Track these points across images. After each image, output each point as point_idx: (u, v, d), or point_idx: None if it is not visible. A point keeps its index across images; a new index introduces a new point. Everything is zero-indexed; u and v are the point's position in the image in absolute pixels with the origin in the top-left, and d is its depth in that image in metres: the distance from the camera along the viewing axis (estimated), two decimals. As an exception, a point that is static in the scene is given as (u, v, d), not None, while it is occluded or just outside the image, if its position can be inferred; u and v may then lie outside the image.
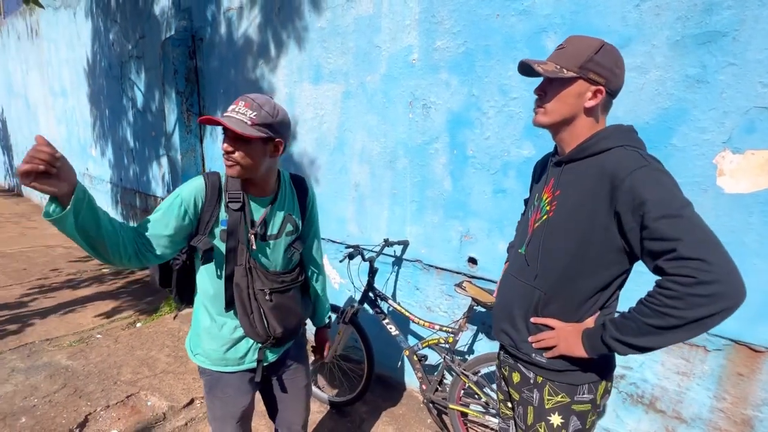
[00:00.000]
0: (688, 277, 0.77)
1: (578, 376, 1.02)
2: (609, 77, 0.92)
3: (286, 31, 2.81)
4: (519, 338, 1.09)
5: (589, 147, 0.96)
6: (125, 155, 5.17)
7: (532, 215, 1.11)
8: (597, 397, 1.04)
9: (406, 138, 2.29)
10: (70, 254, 5.38)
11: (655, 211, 0.81)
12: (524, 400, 1.10)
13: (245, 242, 1.15)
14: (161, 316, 3.49)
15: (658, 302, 0.82)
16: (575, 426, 1.04)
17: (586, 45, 0.93)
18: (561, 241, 0.99)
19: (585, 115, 0.96)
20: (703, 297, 0.76)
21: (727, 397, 1.55)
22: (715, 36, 1.41)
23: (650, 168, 0.85)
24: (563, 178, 1.01)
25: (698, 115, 1.47)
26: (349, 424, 2.21)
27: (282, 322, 1.21)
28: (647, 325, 0.83)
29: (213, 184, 1.13)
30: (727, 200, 1.46)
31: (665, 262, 0.80)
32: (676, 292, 0.79)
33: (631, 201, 0.84)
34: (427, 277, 2.37)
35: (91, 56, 5.57)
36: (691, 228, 0.79)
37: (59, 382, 2.49)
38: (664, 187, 0.83)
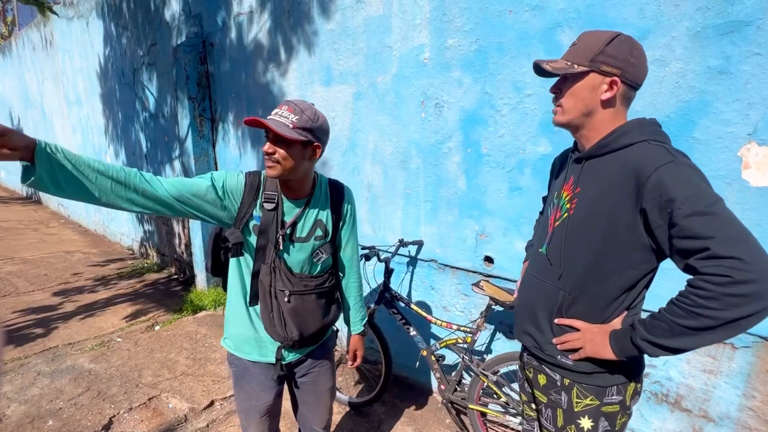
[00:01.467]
0: (723, 276, 0.74)
1: (606, 378, 0.99)
2: (624, 67, 0.89)
3: (296, 34, 2.83)
4: (543, 340, 1.07)
5: (610, 143, 0.93)
6: (138, 160, 5.26)
7: (551, 213, 1.09)
8: (626, 398, 1.01)
9: (418, 137, 2.29)
10: (88, 259, 5.49)
11: (685, 208, 0.78)
12: (552, 403, 1.08)
13: (273, 241, 1.19)
14: (178, 319, 3.54)
15: (692, 302, 0.79)
16: (604, 427, 1.02)
17: (596, 38, 0.92)
18: (583, 240, 0.97)
19: (603, 108, 0.93)
20: (740, 297, 0.73)
21: (757, 395, 1.51)
22: (738, 26, 1.37)
23: (677, 163, 0.82)
24: (584, 175, 0.99)
25: (721, 107, 1.44)
26: (367, 425, 2.22)
27: (300, 326, 1.22)
28: (680, 326, 0.81)
29: (252, 182, 1.17)
30: (753, 194, 1.42)
31: (697, 261, 0.78)
32: (711, 292, 0.76)
33: (658, 198, 0.82)
34: (443, 276, 2.36)
35: (103, 64, 5.67)
36: (724, 225, 0.76)
37: (83, 385, 2.55)
38: (692, 183, 0.80)
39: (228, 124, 3.65)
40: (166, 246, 5.03)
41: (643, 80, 0.95)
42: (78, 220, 7.87)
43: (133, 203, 0.97)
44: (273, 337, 1.23)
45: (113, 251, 6.00)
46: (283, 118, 1.08)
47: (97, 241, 6.63)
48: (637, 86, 0.94)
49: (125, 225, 6.13)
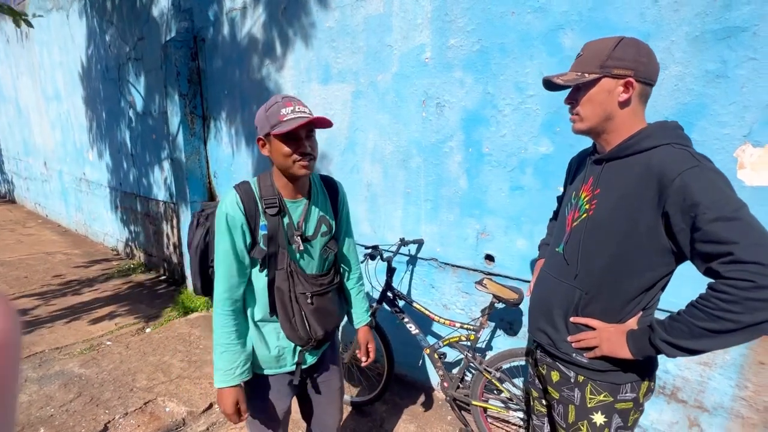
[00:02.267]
0: (746, 281, 0.75)
1: (621, 376, 1.01)
2: (635, 67, 0.91)
3: (293, 31, 2.79)
4: (558, 337, 1.09)
5: (632, 145, 0.94)
6: (124, 159, 5.11)
7: (569, 213, 1.10)
8: (639, 395, 1.03)
9: (419, 137, 2.29)
10: (70, 260, 5.31)
11: (710, 213, 0.79)
12: (565, 399, 1.09)
13: (285, 246, 1.16)
14: (170, 321, 3.46)
15: (713, 306, 0.80)
16: (617, 424, 1.04)
17: (602, 45, 0.94)
18: (602, 241, 0.98)
19: (621, 109, 0.94)
20: (763, 302, 0.75)
21: (749, 386, 1.58)
22: (734, 31, 1.42)
23: (702, 168, 0.83)
24: (604, 176, 1.00)
25: (718, 110, 1.49)
26: (370, 424, 2.22)
27: (323, 325, 1.22)
28: (700, 328, 0.82)
29: (246, 193, 1.13)
30: (748, 193, 1.48)
31: (721, 266, 0.79)
32: (734, 296, 0.77)
33: (681, 202, 0.83)
34: (443, 275, 2.38)
35: (86, 59, 5.48)
36: (748, 230, 0.77)
37: (74, 390, 2.47)
38: (717, 188, 0.81)
39: (220, 122, 3.59)
40: (154, 246, 4.91)
41: (657, 76, 0.96)
42: (57, 219, 7.61)
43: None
44: (295, 342, 1.21)
45: (97, 252, 5.82)
46: (304, 113, 1.07)
47: (79, 241, 6.42)
48: (652, 83, 0.95)
49: (109, 225, 5.95)
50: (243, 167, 3.47)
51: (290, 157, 1.08)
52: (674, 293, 1.48)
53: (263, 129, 1.10)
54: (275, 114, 1.06)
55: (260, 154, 3.27)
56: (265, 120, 1.08)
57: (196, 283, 1.31)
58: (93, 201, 6.25)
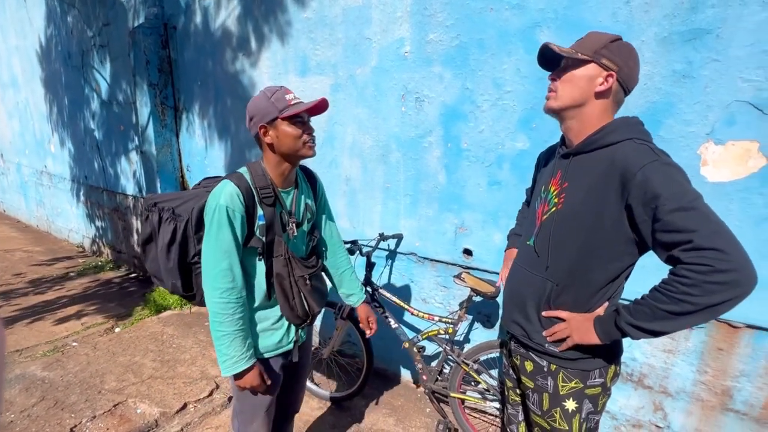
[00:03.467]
0: (705, 265, 0.80)
1: (590, 362, 1.06)
2: (621, 66, 0.95)
3: (269, 21, 2.72)
4: (531, 328, 1.12)
5: (597, 140, 0.98)
6: (90, 150, 4.86)
7: (539, 207, 1.13)
8: (607, 380, 1.09)
9: (398, 131, 2.29)
10: (32, 258, 5.03)
11: (669, 204, 0.83)
12: (539, 388, 1.13)
13: (281, 234, 1.22)
14: (141, 320, 3.34)
15: (675, 289, 0.85)
16: (588, 409, 1.09)
17: (603, 36, 0.98)
18: (571, 234, 1.02)
19: (595, 99, 0.97)
20: (720, 284, 0.80)
21: (709, 371, 1.68)
22: (699, 33, 1.49)
23: (661, 162, 0.88)
24: (571, 170, 1.03)
25: (684, 109, 1.56)
26: (349, 419, 2.22)
27: (319, 303, 1.33)
28: (662, 310, 0.87)
29: (244, 186, 1.15)
30: (710, 189, 1.55)
31: (681, 253, 0.84)
32: (693, 280, 0.81)
33: (642, 195, 0.87)
34: (422, 269, 2.39)
35: (45, 44, 5.16)
36: (705, 219, 0.82)
37: (36, 395, 2.35)
38: (675, 181, 0.86)
39: (193, 114, 3.46)
40: (123, 243, 4.71)
41: (634, 86, 1.01)
42: (16, 215, 7.18)
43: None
44: (293, 321, 1.29)
45: (60, 249, 5.53)
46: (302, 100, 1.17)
47: (41, 238, 6.09)
48: (627, 90, 1.00)
49: (74, 221, 5.67)
50: (217, 160, 3.36)
51: (300, 138, 1.14)
52: (637, 283, 1.53)
53: (268, 115, 1.13)
54: (281, 100, 1.13)
55: (235, 147, 3.18)
56: (270, 106, 1.13)
57: (174, 282, 1.27)
58: (56, 195, 5.93)
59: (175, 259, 1.24)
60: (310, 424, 2.17)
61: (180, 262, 1.25)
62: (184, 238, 1.24)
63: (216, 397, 2.36)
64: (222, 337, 1.13)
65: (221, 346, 1.14)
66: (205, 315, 3.43)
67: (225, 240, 1.11)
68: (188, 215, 1.24)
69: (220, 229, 1.11)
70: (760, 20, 1.38)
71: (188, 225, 1.23)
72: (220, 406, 2.29)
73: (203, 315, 3.43)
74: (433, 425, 2.16)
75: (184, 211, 1.26)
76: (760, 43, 1.39)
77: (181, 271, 1.26)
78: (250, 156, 3.11)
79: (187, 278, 1.29)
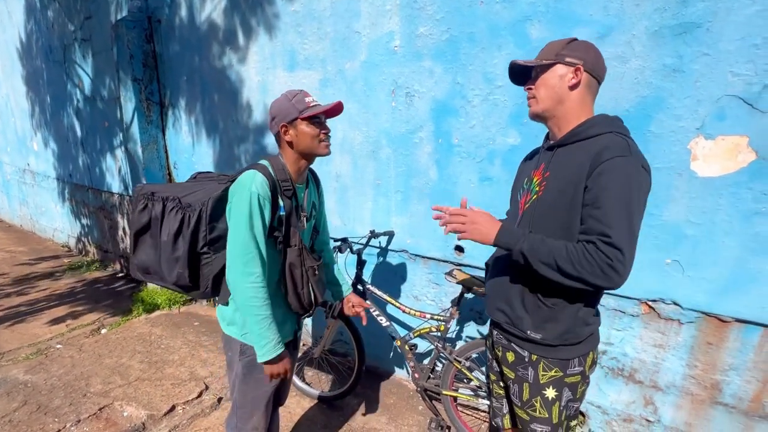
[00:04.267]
0: (609, 259, 0.92)
1: (569, 351, 1.10)
2: (584, 58, 1.03)
3: (256, 14, 2.66)
4: (515, 315, 1.14)
5: (580, 132, 1.04)
6: (73, 148, 4.74)
7: (521, 197, 1.17)
8: (586, 368, 1.13)
9: (389, 127, 2.26)
10: (15, 258, 4.91)
11: (612, 196, 0.94)
12: (520, 378, 1.17)
13: (296, 225, 1.28)
14: (128, 320, 3.27)
15: (576, 257, 0.95)
16: (568, 397, 1.13)
17: (559, 41, 1.08)
18: (551, 218, 1.06)
19: (571, 92, 1.04)
20: (604, 275, 0.93)
21: (698, 365, 1.68)
22: (690, 27, 1.48)
23: (629, 159, 0.95)
24: (554, 161, 1.08)
25: (674, 103, 1.55)
26: (341, 418, 2.20)
27: (322, 292, 1.40)
28: (555, 261, 0.98)
29: (268, 176, 1.20)
30: (699, 183, 1.55)
31: (599, 240, 0.94)
32: (594, 261, 0.93)
33: (597, 180, 0.96)
34: (414, 266, 2.37)
35: (25, 38, 5.01)
36: (628, 225, 0.94)
37: (18, 399, 2.28)
38: (628, 180, 0.94)
39: (179, 110, 3.38)
40: (110, 241, 4.61)
41: (603, 75, 1.08)
42: (-1, 214, 7.00)
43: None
44: (299, 310, 1.34)
45: (45, 249, 5.41)
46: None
47: (25, 238, 5.95)
48: (598, 78, 1.07)
49: (59, 220, 5.54)
50: (205, 157, 3.30)
51: (317, 137, 1.23)
52: (632, 279, 1.53)
53: (289, 115, 1.21)
54: (301, 101, 1.21)
55: (223, 143, 3.12)
56: (291, 107, 1.21)
57: (181, 272, 1.26)
58: (39, 194, 5.79)
59: (186, 249, 1.24)
60: (301, 424, 2.14)
61: (190, 251, 1.25)
62: (196, 228, 1.24)
63: (205, 399, 2.32)
64: (262, 320, 1.18)
65: (262, 329, 1.18)
66: (194, 315, 3.37)
67: (256, 227, 1.16)
68: (201, 206, 1.23)
69: (252, 216, 1.15)
70: (750, 14, 1.38)
71: (202, 215, 1.24)
72: (210, 408, 2.25)
73: (192, 315, 3.37)
74: (426, 423, 2.15)
75: (194, 201, 1.25)
76: (750, 37, 1.39)
77: (190, 262, 1.26)
78: (238, 153, 3.06)
79: (195, 269, 1.28)
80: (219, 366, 2.62)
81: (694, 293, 1.63)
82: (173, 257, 1.27)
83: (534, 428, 1.16)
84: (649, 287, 1.71)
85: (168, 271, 1.29)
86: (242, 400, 1.35)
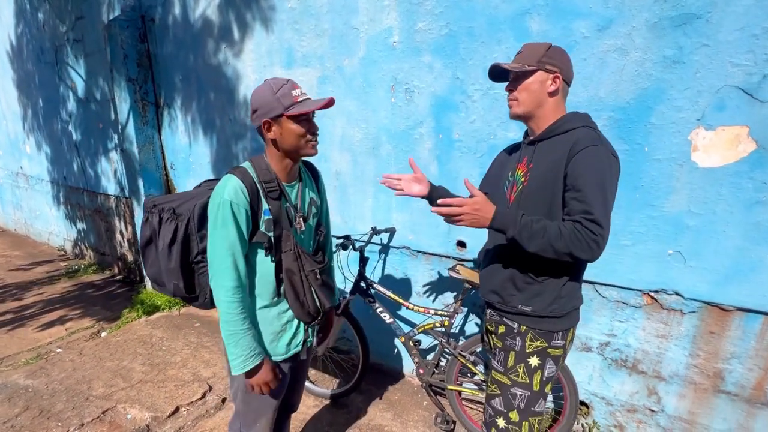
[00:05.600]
0: (594, 234, 1.04)
1: (554, 323, 1.21)
2: (562, 66, 1.15)
3: (252, 11, 2.63)
4: (507, 294, 1.25)
5: (556, 128, 1.17)
6: (68, 150, 4.69)
7: (508, 189, 1.27)
8: (567, 342, 1.25)
9: (388, 123, 2.25)
10: (10, 262, 4.86)
11: (589, 180, 1.07)
12: (506, 347, 1.27)
13: (288, 228, 1.19)
14: (128, 323, 3.25)
15: (567, 234, 1.06)
16: (550, 369, 1.24)
17: (538, 47, 1.18)
18: (536, 202, 1.16)
19: (550, 98, 1.17)
20: (589, 248, 1.05)
21: (701, 354, 1.70)
22: (690, 18, 1.48)
23: (600, 147, 1.09)
24: (536, 154, 1.20)
25: (675, 95, 1.56)
26: (347, 415, 2.20)
27: (329, 299, 1.31)
28: (548, 239, 1.07)
29: (248, 180, 1.13)
30: (700, 174, 1.56)
31: (582, 218, 1.06)
32: (582, 237, 1.05)
33: (574, 167, 1.08)
34: (416, 262, 2.37)
35: (15, 39, 4.94)
36: (604, 203, 1.07)
37: (20, 404, 2.26)
38: (601, 166, 1.08)
39: (175, 109, 3.35)
40: (106, 245, 4.57)
41: (572, 80, 1.22)
42: (-8, 219, 6.91)
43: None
44: (304, 319, 1.26)
45: (40, 253, 5.35)
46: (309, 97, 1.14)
47: (19, 242, 5.88)
48: (569, 83, 1.20)
49: (54, 223, 5.48)
50: (202, 157, 3.27)
51: (304, 137, 1.12)
52: (632, 271, 1.54)
53: (273, 111, 1.09)
54: (287, 96, 1.08)
55: (220, 142, 3.10)
56: (275, 102, 1.08)
57: (177, 283, 1.24)
58: (33, 197, 5.72)
59: (177, 259, 1.21)
60: (307, 422, 2.14)
61: (182, 262, 1.22)
62: (185, 237, 1.21)
63: (209, 399, 2.31)
64: (231, 335, 1.12)
65: (230, 345, 1.13)
66: (194, 316, 3.36)
67: (229, 236, 1.09)
68: (189, 213, 1.21)
69: (224, 225, 1.09)
70: (749, 4, 1.38)
71: (190, 222, 1.20)
72: (214, 408, 2.24)
73: (192, 316, 3.35)
74: (431, 418, 2.16)
75: (185, 209, 1.22)
76: (750, 27, 1.40)
77: (183, 272, 1.23)
78: (236, 151, 3.03)
79: (190, 279, 1.25)
80: (221, 367, 2.61)
81: (696, 283, 1.64)
82: (169, 268, 1.24)
83: (514, 392, 1.25)
84: (651, 278, 1.72)
85: (167, 282, 1.28)
86: (245, 408, 1.31)
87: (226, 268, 1.09)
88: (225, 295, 1.10)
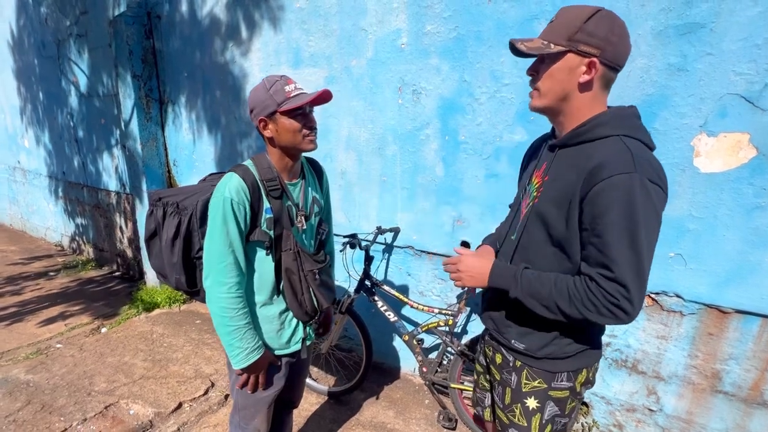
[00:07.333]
0: (613, 297, 0.82)
1: (556, 365, 1.01)
2: (603, 46, 0.82)
3: (260, 10, 2.65)
4: (502, 323, 1.07)
5: (584, 133, 0.88)
6: (68, 145, 4.66)
7: (523, 200, 1.07)
8: (576, 385, 1.03)
9: (395, 124, 2.27)
10: (7, 257, 4.82)
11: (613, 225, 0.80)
12: (504, 381, 1.10)
13: (289, 227, 1.18)
14: (129, 319, 3.25)
15: (578, 297, 0.86)
16: (552, 411, 1.04)
17: (576, 14, 0.84)
18: (544, 231, 0.95)
19: (580, 92, 0.87)
20: (611, 313, 0.84)
21: (699, 355, 1.74)
22: (694, 27, 1.52)
23: (633, 176, 0.79)
24: (555, 163, 0.95)
25: (678, 101, 1.60)
26: (349, 413, 2.22)
27: (328, 298, 1.30)
28: (555, 302, 0.89)
29: (249, 179, 1.13)
30: (702, 179, 1.60)
31: (600, 276, 0.83)
32: (597, 301, 0.84)
33: (593, 205, 0.83)
34: (419, 262, 2.40)
35: (16, 33, 4.91)
36: (633, 256, 0.81)
37: (21, 399, 2.26)
38: (631, 206, 0.79)
39: (180, 107, 3.36)
40: (106, 240, 4.56)
41: (626, 60, 0.88)
42: (-13, 213, 6.84)
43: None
44: (302, 318, 1.26)
45: (38, 248, 5.32)
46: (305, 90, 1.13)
47: (16, 237, 5.84)
48: (618, 67, 0.87)
49: (51, 218, 5.45)
50: (206, 154, 3.28)
51: (300, 132, 1.11)
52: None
53: (267, 108, 1.09)
54: (280, 92, 1.08)
55: (225, 140, 3.11)
56: (269, 99, 1.08)
57: (178, 277, 1.25)
58: (31, 192, 5.68)
59: (179, 254, 1.22)
60: (309, 419, 2.15)
61: (184, 257, 1.23)
62: (188, 232, 1.22)
63: (212, 395, 2.32)
64: (234, 331, 1.12)
65: (234, 339, 1.13)
66: (195, 313, 3.36)
67: (231, 233, 1.09)
68: (193, 208, 1.21)
69: (225, 223, 1.09)
70: (752, 15, 1.43)
71: (192, 218, 1.21)
72: (217, 404, 2.25)
73: (193, 313, 3.36)
74: (433, 416, 2.18)
75: (189, 204, 1.23)
76: (752, 38, 1.44)
77: (185, 267, 1.24)
78: (241, 149, 3.05)
79: (191, 274, 1.26)
80: (223, 363, 2.61)
81: (695, 285, 1.68)
82: (171, 262, 1.25)
83: None
84: (652, 280, 1.75)
85: (170, 275, 1.29)
86: (244, 402, 1.32)
87: (227, 265, 1.10)
88: (226, 292, 1.10)
